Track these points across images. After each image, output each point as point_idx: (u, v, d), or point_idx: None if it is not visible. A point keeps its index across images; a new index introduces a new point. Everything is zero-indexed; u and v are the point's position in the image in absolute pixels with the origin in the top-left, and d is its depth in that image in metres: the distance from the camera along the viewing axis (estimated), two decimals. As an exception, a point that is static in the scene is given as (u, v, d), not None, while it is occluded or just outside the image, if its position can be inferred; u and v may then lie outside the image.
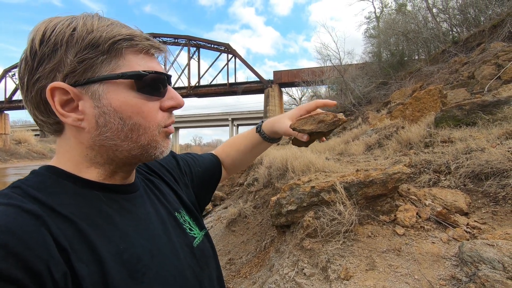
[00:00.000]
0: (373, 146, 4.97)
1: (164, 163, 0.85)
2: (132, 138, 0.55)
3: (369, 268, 2.02)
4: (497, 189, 2.60)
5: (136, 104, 0.54)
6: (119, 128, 0.54)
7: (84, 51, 0.51)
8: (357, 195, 2.45)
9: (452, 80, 8.02)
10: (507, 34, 7.99)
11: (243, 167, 1.13)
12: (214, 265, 0.75)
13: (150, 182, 0.74)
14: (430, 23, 13.36)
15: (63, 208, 0.49)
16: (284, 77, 33.93)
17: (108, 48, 0.51)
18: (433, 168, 3.27)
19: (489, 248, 1.60)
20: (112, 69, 0.52)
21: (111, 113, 0.53)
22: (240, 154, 1.06)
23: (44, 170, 0.56)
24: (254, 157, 1.10)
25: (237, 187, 7.31)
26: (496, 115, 3.86)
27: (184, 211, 0.76)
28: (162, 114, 0.58)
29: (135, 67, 0.54)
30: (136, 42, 0.54)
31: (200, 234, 0.76)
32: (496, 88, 5.72)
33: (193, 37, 36.02)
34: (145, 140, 0.56)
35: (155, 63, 0.58)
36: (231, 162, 1.07)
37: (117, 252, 0.50)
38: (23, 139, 38.93)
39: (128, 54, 0.54)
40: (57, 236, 0.44)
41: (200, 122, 57.59)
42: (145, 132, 0.56)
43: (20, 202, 0.44)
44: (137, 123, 0.55)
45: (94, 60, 0.51)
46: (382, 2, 18.95)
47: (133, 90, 0.54)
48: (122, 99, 0.53)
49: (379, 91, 12.49)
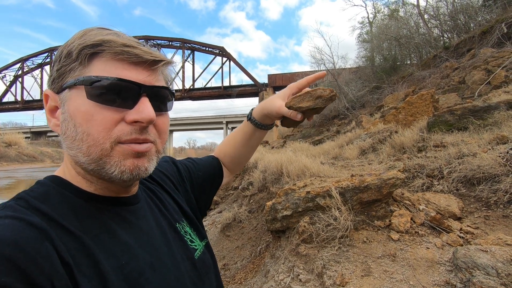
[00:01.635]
0: (367, 151, 5.01)
1: (164, 169, 0.84)
2: (82, 149, 0.51)
3: (365, 274, 2.02)
4: (489, 193, 2.63)
5: (88, 111, 0.50)
6: (73, 136, 0.52)
7: (61, 60, 0.52)
8: (352, 200, 2.46)
9: (444, 85, 8.17)
10: (496, 40, 8.18)
11: (243, 162, 1.10)
12: (214, 275, 0.75)
13: (151, 192, 0.73)
14: (422, 28, 13.64)
15: (67, 221, 0.49)
16: (278, 81, 34.15)
17: (76, 55, 0.51)
18: (426, 172, 3.31)
19: (482, 254, 1.62)
20: (77, 76, 0.52)
21: (68, 119, 0.52)
22: (236, 150, 1.04)
23: (49, 181, 0.56)
24: (252, 149, 1.06)
25: (232, 191, 7.27)
26: (486, 120, 3.93)
27: (185, 222, 0.76)
28: (122, 128, 0.51)
29: (98, 73, 0.51)
30: (103, 48, 0.51)
31: (201, 245, 0.76)
32: (486, 93, 5.84)
33: (188, 40, 36.06)
34: (96, 154, 0.51)
35: (129, 71, 0.52)
36: (230, 160, 1.06)
37: (118, 267, 0.50)
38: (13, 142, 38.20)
39: (96, 61, 0.52)
40: (61, 250, 0.44)
41: (194, 125, 57.39)
42: (94, 144, 0.50)
43: (24, 215, 0.45)
44: (86, 132, 0.50)
45: (65, 68, 0.52)
46: (375, 8, 19.26)
47: (89, 98, 0.50)
48: (76, 105, 0.51)
49: (372, 95, 12.65)
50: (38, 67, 37.30)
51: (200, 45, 36.04)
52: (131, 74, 0.52)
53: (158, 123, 0.58)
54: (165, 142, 0.63)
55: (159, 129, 0.58)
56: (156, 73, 0.56)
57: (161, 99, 0.58)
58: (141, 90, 0.53)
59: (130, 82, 0.52)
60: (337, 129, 10.74)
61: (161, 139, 0.60)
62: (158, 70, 0.57)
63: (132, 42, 0.54)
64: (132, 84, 0.52)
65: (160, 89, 0.57)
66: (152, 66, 0.55)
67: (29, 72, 37.90)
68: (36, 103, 37.70)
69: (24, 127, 63.13)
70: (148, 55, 0.53)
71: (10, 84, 38.00)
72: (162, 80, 0.60)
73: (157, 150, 0.59)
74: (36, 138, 56.43)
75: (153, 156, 0.57)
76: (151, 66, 0.55)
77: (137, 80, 0.52)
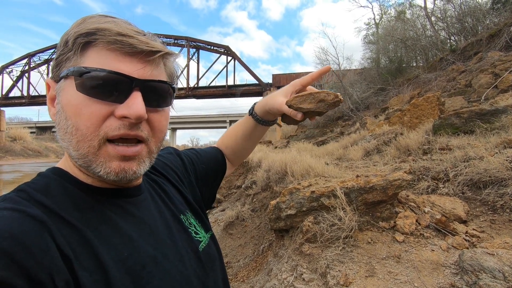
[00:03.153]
0: (372, 152, 4.99)
1: (169, 161, 0.83)
2: (72, 142, 0.49)
3: (369, 274, 2.02)
4: (495, 197, 2.61)
5: (77, 104, 0.48)
6: (64, 128, 0.50)
7: (60, 49, 0.51)
8: (357, 201, 2.46)
9: (450, 88, 8.10)
10: (504, 44, 8.10)
11: (244, 155, 1.08)
12: (219, 267, 0.74)
13: (155, 183, 0.72)
14: (429, 31, 13.54)
15: (67, 214, 0.48)
16: (282, 81, 34.05)
17: (72, 44, 0.49)
18: (432, 175, 3.29)
19: (489, 257, 1.61)
20: (72, 65, 0.50)
21: (60, 111, 0.51)
22: (237, 143, 1.02)
23: (50, 173, 0.55)
24: (253, 143, 1.05)
25: (235, 189, 7.28)
26: (494, 124, 3.90)
27: (189, 213, 0.74)
28: (111, 123, 0.49)
29: (90, 64, 0.48)
30: (97, 37, 0.48)
31: (206, 236, 0.74)
32: (493, 97, 5.79)
33: (193, 38, 36.02)
34: (84, 150, 0.49)
35: (126, 63, 0.49)
36: (232, 153, 1.04)
37: (120, 259, 0.49)
38: (19, 136, 38.56)
39: (90, 51, 0.49)
40: (61, 243, 0.43)
41: (198, 123, 57.58)
42: (83, 140, 0.48)
43: (24, 207, 0.44)
44: (76, 126, 0.48)
45: (62, 57, 0.51)
46: (381, 9, 19.15)
47: (80, 90, 0.48)
48: (68, 97, 0.49)
49: (377, 97, 12.58)
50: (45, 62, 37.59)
51: (205, 43, 36.06)
52: (124, 66, 0.49)
53: (153, 120, 0.54)
54: (161, 141, 0.58)
55: (153, 126, 0.54)
56: (152, 65, 0.52)
57: (158, 94, 0.54)
58: (133, 84, 0.49)
59: (121, 74, 0.48)
60: (341, 130, 10.72)
61: (155, 138, 0.56)
62: (154, 61, 0.52)
63: (129, 31, 0.49)
64: (123, 77, 0.48)
65: (156, 83, 0.53)
66: (148, 57, 0.51)
67: (35, 68, 38.18)
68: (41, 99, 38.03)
69: (29, 122, 63.72)
70: (144, 45, 0.49)
71: (17, 79, 38.34)
72: (163, 73, 0.56)
73: (150, 151, 0.55)
74: (41, 133, 56.95)
75: (144, 158, 0.54)
76: (147, 57, 0.50)
77: (129, 73, 0.49)
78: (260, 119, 0.92)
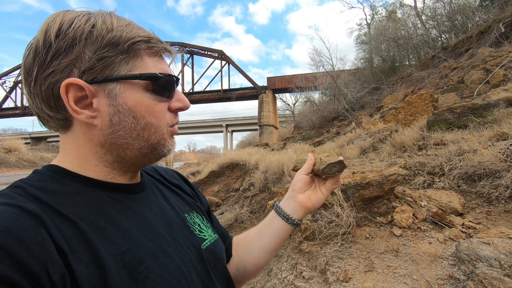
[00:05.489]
0: (368, 150, 5.02)
1: (176, 174, 0.87)
2: (143, 136, 0.57)
3: (368, 269, 2.03)
4: (490, 189, 2.64)
5: (149, 104, 0.56)
6: (132, 126, 0.55)
7: (103, 49, 0.51)
8: (354, 197, 2.47)
9: (442, 84, 8.19)
10: (494, 40, 8.22)
11: (248, 276, 0.90)
12: (226, 268, 0.73)
13: (160, 183, 0.74)
14: (420, 29, 13.70)
15: (64, 208, 0.48)
16: (277, 83, 34.19)
17: (127, 48, 0.53)
18: (427, 170, 3.32)
19: (485, 246, 1.62)
20: (130, 69, 0.54)
21: (125, 111, 0.54)
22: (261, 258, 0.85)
23: (46, 169, 0.55)
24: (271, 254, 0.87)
25: (233, 192, 7.26)
26: (486, 117, 3.95)
27: (194, 214, 0.74)
28: (170, 115, 0.61)
29: (150, 69, 0.56)
30: (152, 44, 0.57)
31: (213, 236, 0.74)
32: (485, 92, 5.86)
33: (187, 43, 36.14)
34: (155, 139, 0.58)
35: (166, 65, 0.61)
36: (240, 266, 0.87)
37: (118, 254, 0.49)
38: (14, 148, 38.13)
39: (145, 56, 0.56)
40: (56, 237, 0.43)
41: (194, 128, 57.39)
42: (156, 131, 0.58)
43: (20, 202, 0.44)
44: (149, 122, 0.57)
45: (113, 59, 0.52)
46: (372, 9, 19.36)
47: (147, 91, 0.56)
48: (137, 99, 0.55)
49: (371, 96, 12.67)
50: (38, 72, 37.55)
51: (199, 48, 36.16)
52: (168, 69, 0.61)
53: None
54: None
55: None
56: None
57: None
58: (177, 82, 0.61)
59: (174, 76, 0.59)
60: (337, 130, 10.76)
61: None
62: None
63: (159, 37, 0.60)
64: (174, 78, 0.60)
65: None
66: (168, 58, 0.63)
67: (29, 78, 38.04)
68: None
69: (24, 132, 63.09)
70: (173, 50, 0.62)
71: (10, 90, 38.10)
72: None
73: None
74: (36, 143, 56.38)
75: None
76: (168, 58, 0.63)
77: (172, 74, 0.60)
78: (291, 218, 0.81)
